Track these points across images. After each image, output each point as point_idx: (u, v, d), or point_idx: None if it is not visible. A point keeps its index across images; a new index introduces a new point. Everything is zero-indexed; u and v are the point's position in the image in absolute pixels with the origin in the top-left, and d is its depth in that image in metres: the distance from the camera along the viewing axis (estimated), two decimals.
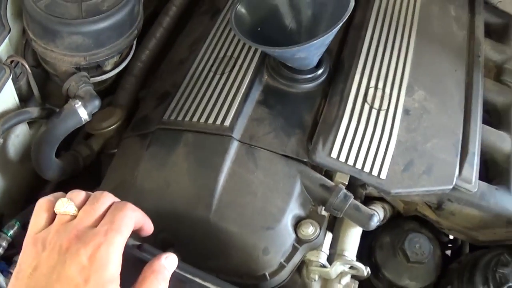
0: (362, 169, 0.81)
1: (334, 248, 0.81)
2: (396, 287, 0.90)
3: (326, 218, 0.80)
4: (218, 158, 0.79)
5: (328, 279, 0.80)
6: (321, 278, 0.81)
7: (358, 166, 0.81)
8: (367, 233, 0.93)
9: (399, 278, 0.89)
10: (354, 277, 0.83)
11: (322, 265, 0.78)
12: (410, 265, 0.89)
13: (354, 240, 0.83)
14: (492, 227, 0.92)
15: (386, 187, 0.81)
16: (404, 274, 0.90)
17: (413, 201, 0.91)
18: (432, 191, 0.84)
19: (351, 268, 0.80)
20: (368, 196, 0.89)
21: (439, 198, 0.88)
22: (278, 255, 0.76)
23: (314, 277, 0.78)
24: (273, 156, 0.81)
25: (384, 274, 0.90)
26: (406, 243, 0.89)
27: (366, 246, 0.93)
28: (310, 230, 0.77)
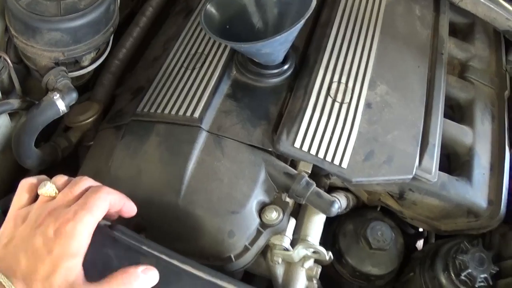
0: (324, 158, 0.85)
1: (297, 233, 0.85)
2: (359, 273, 0.93)
3: (289, 204, 0.84)
4: (187, 147, 0.83)
5: (291, 263, 0.84)
6: (285, 262, 0.84)
7: (320, 156, 0.85)
8: (332, 221, 0.97)
9: (362, 264, 0.92)
10: (318, 262, 0.87)
11: (285, 248, 0.82)
12: (372, 251, 0.92)
13: (317, 226, 0.86)
14: (453, 217, 0.95)
15: (347, 176, 0.85)
16: (366, 260, 0.93)
17: (375, 191, 0.95)
18: (392, 180, 0.88)
19: (314, 253, 0.84)
20: (333, 186, 0.94)
21: (401, 187, 0.92)
22: (243, 238, 0.80)
23: (278, 260, 0.82)
24: (239, 145, 0.85)
25: (347, 260, 0.93)
26: (368, 231, 0.92)
27: (330, 234, 0.96)
28: (273, 215, 0.82)
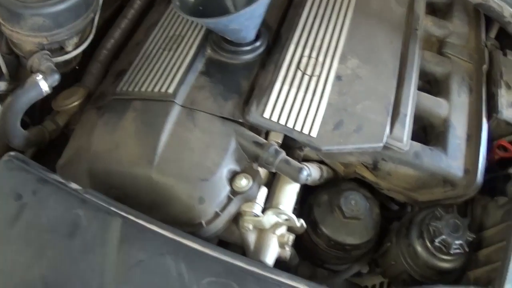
0: (293, 127, 0.87)
1: (270, 202, 0.88)
2: (334, 242, 0.94)
3: (259, 172, 0.86)
4: (161, 119, 0.87)
5: (263, 230, 0.86)
6: (256, 229, 0.87)
7: (290, 125, 0.88)
8: (308, 193, 0.99)
9: (337, 233, 0.93)
10: (292, 231, 0.88)
11: (256, 215, 0.84)
12: (346, 221, 0.93)
13: (289, 195, 0.89)
14: (429, 187, 0.96)
15: (316, 144, 0.87)
16: (341, 229, 0.94)
17: (350, 162, 0.96)
18: (363, 149, 0.90)
19: (286, 220, 0.86)
20: (307, 159, 0.95)
21: (374, 157, 0.94)
22: (213, 205, 0.83)
23: (248, 226, 0.84)
24: (211, 117, 0.88)
25: (322, 230, 0.94)
26: (342, 200, 0.93)
27: (306, 206, 0.98)
28: (243, 182, 0.84)
